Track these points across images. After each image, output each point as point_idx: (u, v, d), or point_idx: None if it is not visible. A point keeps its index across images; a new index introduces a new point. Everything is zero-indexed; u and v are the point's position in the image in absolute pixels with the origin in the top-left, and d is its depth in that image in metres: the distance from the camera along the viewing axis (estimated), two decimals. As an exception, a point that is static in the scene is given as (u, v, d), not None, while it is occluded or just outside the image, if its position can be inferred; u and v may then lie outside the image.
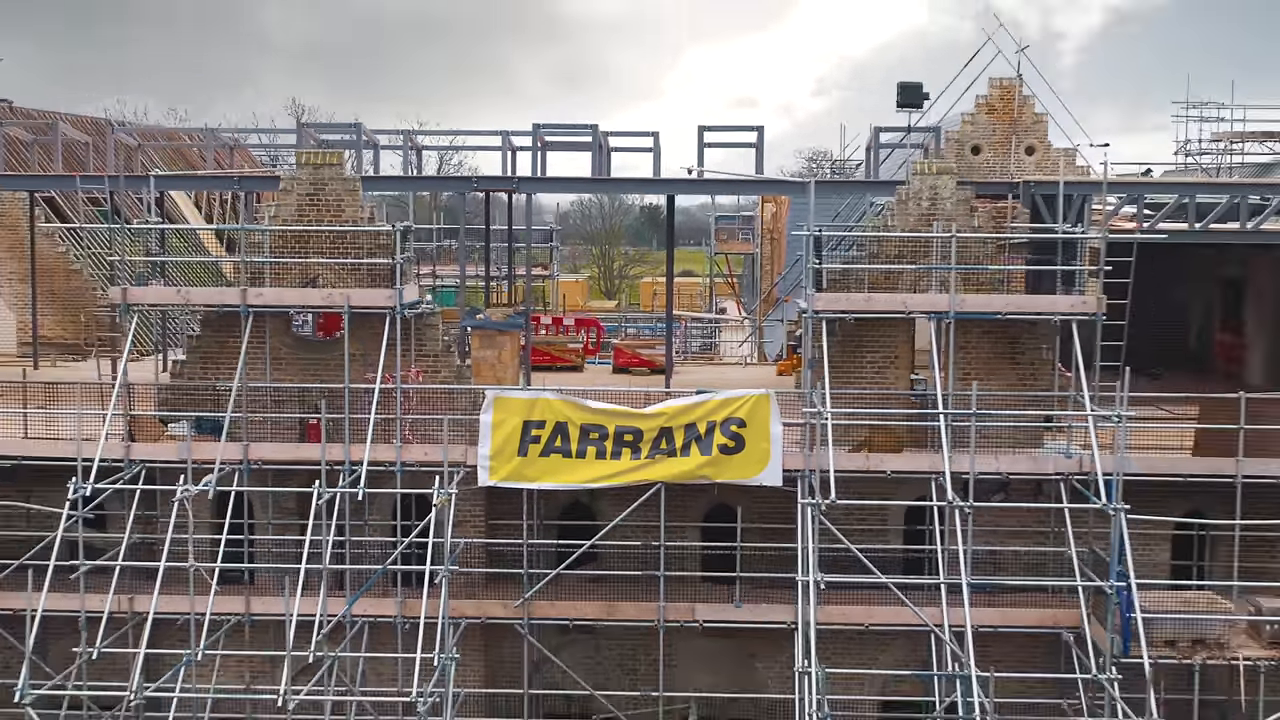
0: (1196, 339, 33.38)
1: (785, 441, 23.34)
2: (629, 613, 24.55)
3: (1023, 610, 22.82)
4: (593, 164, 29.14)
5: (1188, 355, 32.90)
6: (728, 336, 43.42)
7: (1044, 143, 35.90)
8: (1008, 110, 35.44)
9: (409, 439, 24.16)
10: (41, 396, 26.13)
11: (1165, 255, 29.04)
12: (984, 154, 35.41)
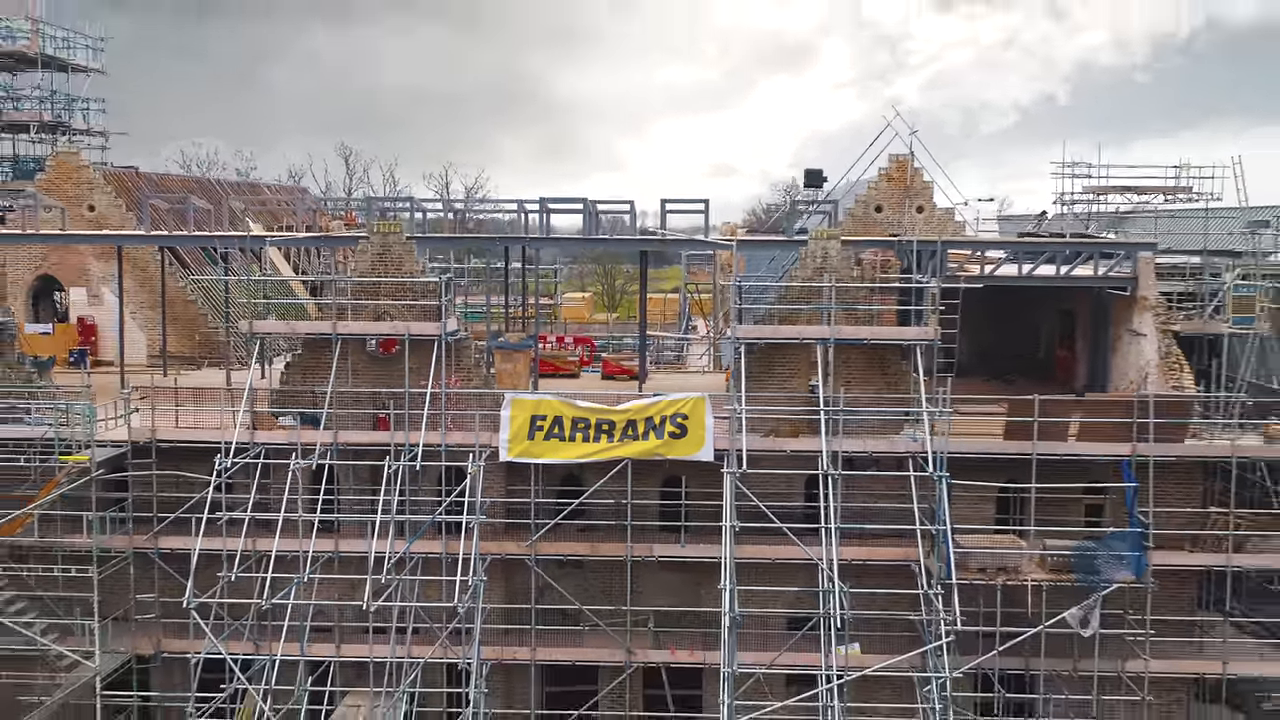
0: (1043, 354, 36.65)
1: (716, 430, 27.20)
2: (606, 550, 28.47)
3: (884, 549, 26.92)
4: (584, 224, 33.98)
5: (1036, 366, 36.25)
6: (695, 349, 47.28)
7: (930, 203, 40.46)
8: (902, 179, 39.94)
9: (450, 428, 27.98)
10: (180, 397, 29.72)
11: (1022, 291, 33.11)
12: (885, 212, 39.89)
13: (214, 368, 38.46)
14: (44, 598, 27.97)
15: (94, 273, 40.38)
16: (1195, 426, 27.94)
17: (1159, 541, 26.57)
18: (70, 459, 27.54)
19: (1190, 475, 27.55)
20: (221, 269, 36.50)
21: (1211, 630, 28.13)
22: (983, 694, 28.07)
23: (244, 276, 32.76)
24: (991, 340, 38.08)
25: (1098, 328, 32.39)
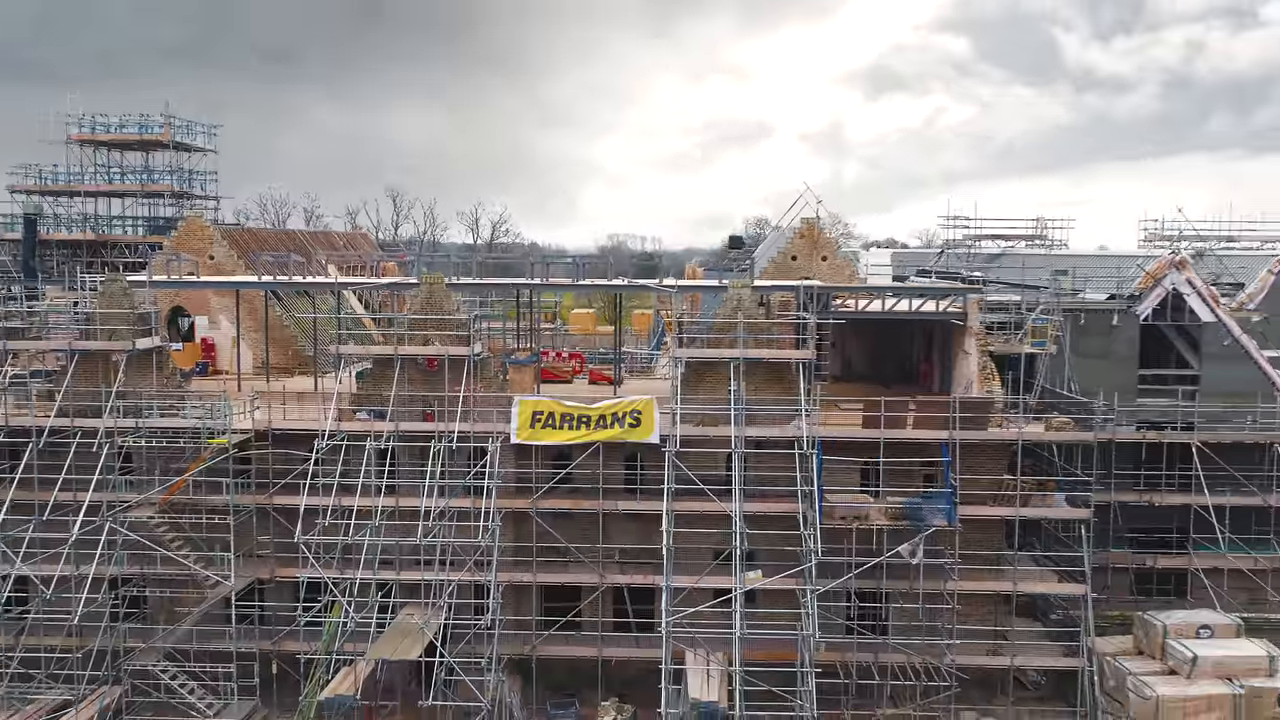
0: (914, 365, 40.59)
1: (661, 421, 31.48)
2: (586, 506, 32.31)
3: (776, 503, 30.69)
4: (576, 271, 39.06)
5: (910, 374, 40.47)
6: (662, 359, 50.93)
7: (833, 253, 45.25)
8: (811, 236, 44.69)
9: (476, 420, 32.07)
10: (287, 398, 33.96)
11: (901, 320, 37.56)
12: (799, 260, 44.42)
13: (304, 375, 42.31)
14: (194, 538, 32.02)
15: (213, 304, 44.00)
16: (1001, 418, 32.59)
17: (967, 499, 30.92)
18: (213, 442, 31.35)
19: (996, 452, 31.99)
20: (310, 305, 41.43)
21: (1013, 562, 32.09)
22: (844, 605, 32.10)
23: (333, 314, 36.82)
24: (879, 354, 42.63)
25: (945, 347, 36.72)
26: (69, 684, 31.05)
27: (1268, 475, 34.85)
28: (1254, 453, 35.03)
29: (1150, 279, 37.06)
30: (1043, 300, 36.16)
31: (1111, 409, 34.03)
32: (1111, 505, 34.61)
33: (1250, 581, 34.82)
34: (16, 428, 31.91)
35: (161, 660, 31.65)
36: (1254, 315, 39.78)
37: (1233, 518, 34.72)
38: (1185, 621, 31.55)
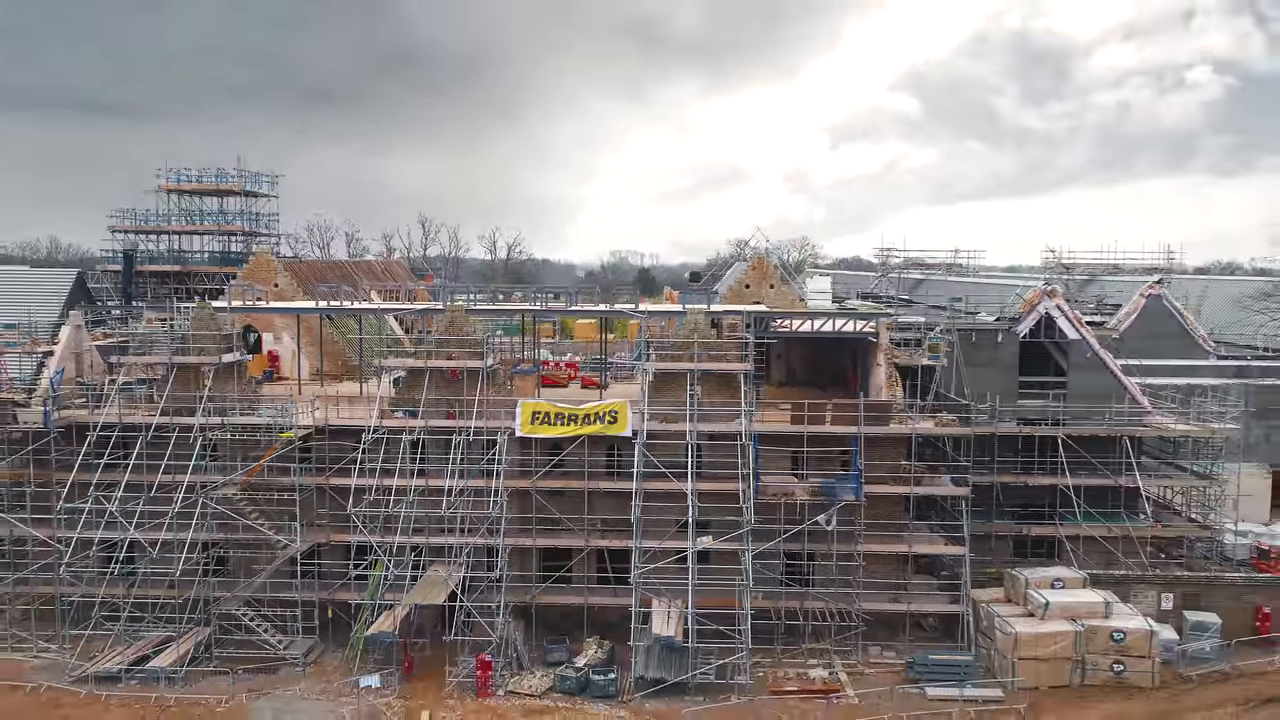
0: (844, 374, 43.49)
1: (634, 419, 34.70)
2: (575, 485, 35.24)
3: (723, 484, 33.79)
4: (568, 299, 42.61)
5: (841, 381, 43.43)
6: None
7: (779, 283, 48.96)
8: (762, 268, 48.45)
9: (488, 419, 35.27)
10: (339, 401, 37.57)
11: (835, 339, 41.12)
12: (751, 288, 47.95)
13: (351, 382, 44.68)
14: (267, 510, 35.28)
15: (277, 323, 47.16)
16: (900, 416, 36.57)
17: (872, 480, 34.63)
18: (282, 435, 34.73)
19: (896, 443, 35.62)
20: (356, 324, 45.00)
21: (909, 529, 35.84)
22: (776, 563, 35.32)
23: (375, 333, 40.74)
24: (817, 364, 46.14)
25: (864, 359, 40.39)
26: (170, 625, 34.65)
27: (1118, 461, 37.95)
28: (1108, 443, 38.16)
29: (1027, 305, 40.92)
30: (940, 322, 40.12)
31: (994, 409, 37.75)
32: (995, 485, 37.76)
33: (1103, 546, 38.09)
34: (128, 424, 35.42)
35: (242, 606, 34.78)
36: (1113, 333, 43.67)
37: (1090, 495, 37.95)
38: (1042, 576, 35.31)
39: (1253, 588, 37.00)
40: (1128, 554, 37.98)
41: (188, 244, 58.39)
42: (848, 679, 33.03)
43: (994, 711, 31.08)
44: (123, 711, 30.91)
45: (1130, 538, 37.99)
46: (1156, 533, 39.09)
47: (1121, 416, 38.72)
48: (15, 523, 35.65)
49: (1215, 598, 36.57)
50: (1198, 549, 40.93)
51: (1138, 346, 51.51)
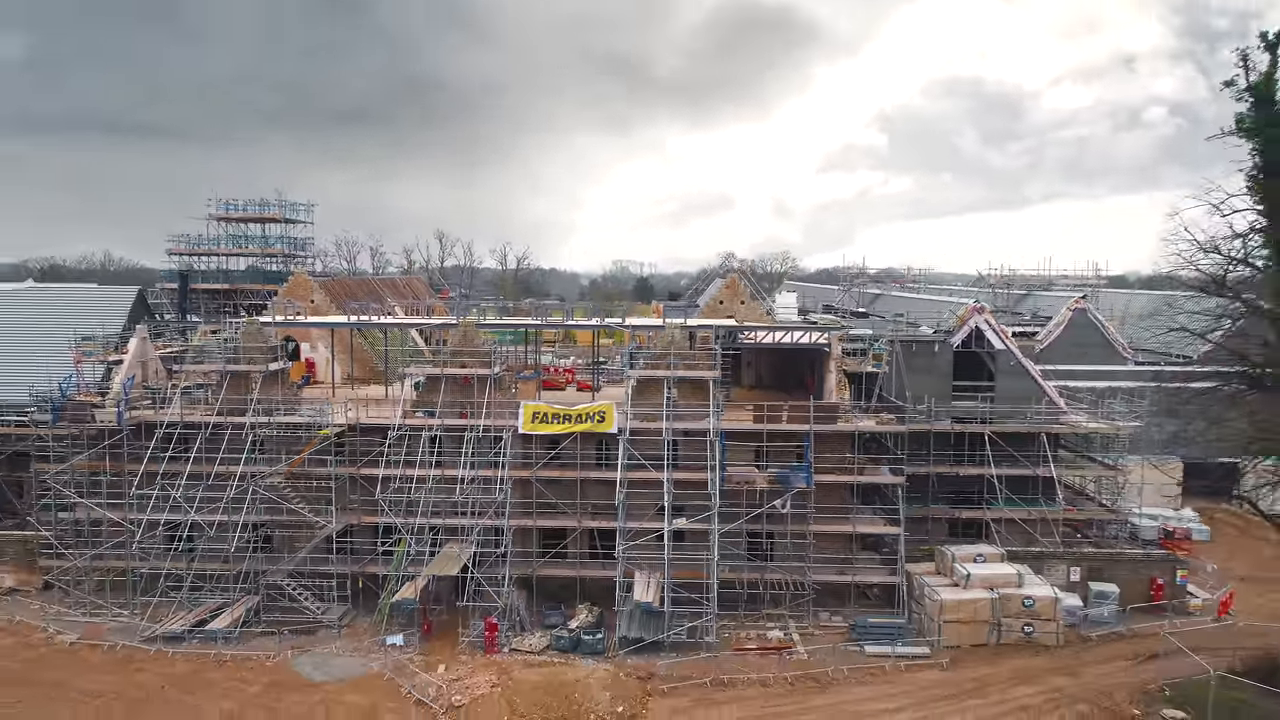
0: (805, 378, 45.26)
1: (620, 418, 37.41)
2: (569, 475, 37.63)
3: (695, 473, 36.23)
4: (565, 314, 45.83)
5: (801, 385, 45.48)
6: None
7: (749, 299, 51.95)
8: (734, 287, 51.30)
9: (495, 418, 37.61)
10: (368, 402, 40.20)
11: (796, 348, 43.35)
12: (725, 303, 50.68)
13: (378, 386, 47.78)
14: (307, 496, 37.86)
15: (313, 334, 49.80)
16: (847, 415, 39.77)
17: (821, 470, 37.17)
18: (321, 432, 37.19)
19: (842, 439, 38.10)
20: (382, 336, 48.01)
21: (854, 512, 38.39)
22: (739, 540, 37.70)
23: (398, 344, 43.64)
24: (781, 370, 48.65)
25: (820, 367, 43.60)
26: (225, 593, 37.50)
27: (1037, 454, 40.89)
28: (1029, 439, 41.03)
29: (960, 320, 43.99)
30: (884, 334, 43.09)
31: (930, 409, 40.80)
32: (931, 475, 40.54)
33: (1023, 527, 40.86)
34: (189, 423, 38.22)
35: (285, 578, 37.45)
36: (1037, 344, 46.69)
37: (1013, 483, 40.71)
38: (967, 552, 38.36)
39: (1149, 562, 39.94)
40: (1044, 534, 40.86)
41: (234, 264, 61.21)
42: (800, 639, 35.92)
43: (920, 665, 34.11)
44: (186, 665, 33.94)
45: (1046, 520, 40.84)
46: (1070, 516, 42.02)
47: (1040, 416, 41.58)
48: (93, 506, 38.52)
49: (1116, 571, 39.53)
50: (1110, 530, 43.98)
51: (1066, 353, 54.75)
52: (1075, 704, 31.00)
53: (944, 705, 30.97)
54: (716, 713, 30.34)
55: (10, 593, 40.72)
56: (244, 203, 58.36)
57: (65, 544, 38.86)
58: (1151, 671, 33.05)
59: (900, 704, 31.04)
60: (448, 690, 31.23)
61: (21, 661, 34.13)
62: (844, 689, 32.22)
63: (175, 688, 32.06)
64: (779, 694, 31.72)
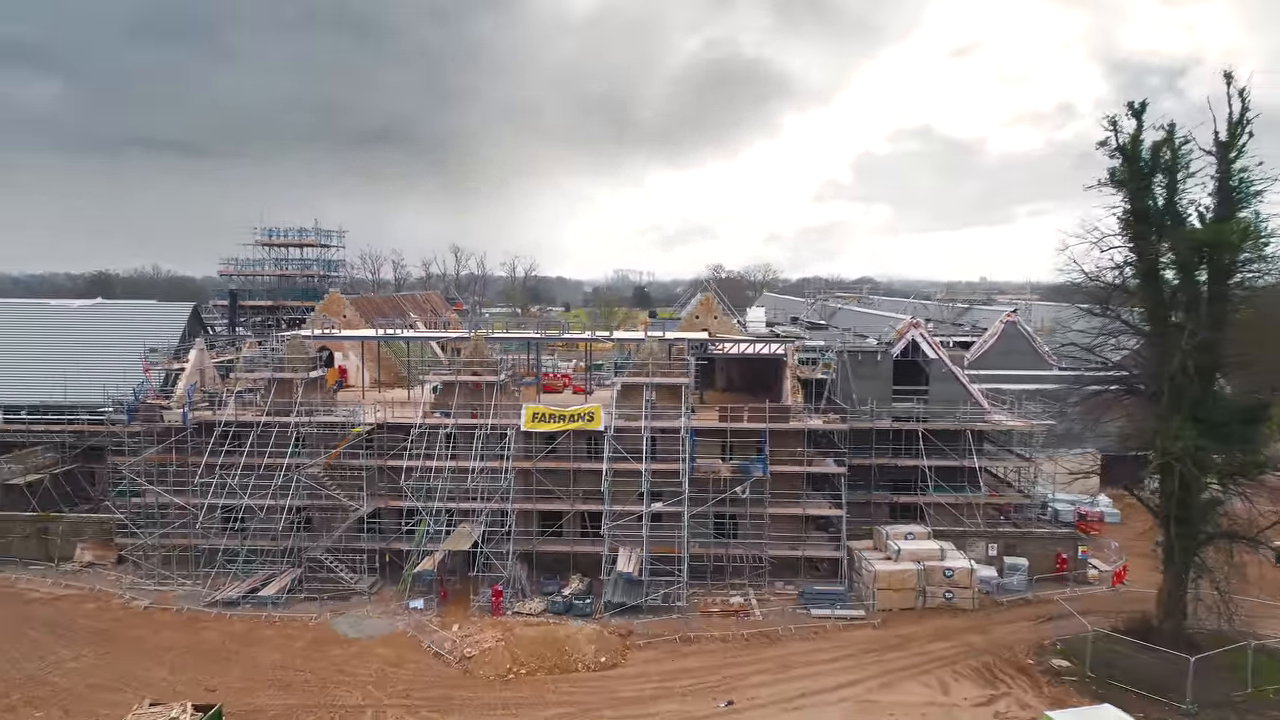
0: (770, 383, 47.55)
1: (606, 418, 40.41)
2: (564, 466, 40.46)
3: (669, 464, 39.08)
4: (561, 329, 49.22)
5: (767, 389, 47.56)
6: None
7: (722, 315, 55.51)
8: (709, 304, 54.86)
9: (501, 417, 40.66)
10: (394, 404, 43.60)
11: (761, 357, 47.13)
12: (700, 318, 54.45)
13: (401, 389, 50.95)
14: (342, 484, 40.65)
15: (346, 345, 52.73)
16: (800, 415, 43.25)
17: (776, 461, 40.32)
18: (354, 430, 40.28)
19: (795, 436, 41.15)
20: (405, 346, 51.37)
21: (804, 496, 41.66)
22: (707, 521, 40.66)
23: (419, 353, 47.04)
24: (750, 376, 51.67)
25: (781, 373, 47.52)
26: (273, 566, 40.88)
27: (963, 448, 44.34)
28: (956, 436, 44.47)
29: (900, 334, 47.51)
30: (834, 345, 46.59)
31: (873, 410, 44.36)
32: (873, 466, 43.93)
33: (951, 511, 44.25)
34: (242, 422, 41.50)
35: (324, 552, 40.60)
36: (965, 354, 50.12)
37: (943, 473, 44.09)
38: (899, 530, 41.88)
39: (1054, 540, 43.46)
40: (969, 516, 44.24)
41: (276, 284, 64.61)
42: (756, 603, 39.32)
43: (857, 625, 37.64)
44: (243, 624, 37.52)
45: (970, 504, 44.33)
46: (991, 500, 45.49)
47: (966, 415, 45.12)
48: (162, 493, 42.00)
49: (1028, 546, 43.03)
50: (1030, 512, 47.41)
51: (999, 360, 58.24)
52: (981, 655, 34.51)
53: (871, 656, 34.50)
54: (683, 662, 33.88)
55: (89, 566, 44.29)
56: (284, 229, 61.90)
57: (137, 524, 42.20)
58: (1048, 630, 36.52)
59: (835, 655, 34.56)
60: (460, 644, 34.79)
61: (106, 621, 37.73)
62: (790, 644, 35.73)
63: (234, 643, 35.60)
64: (736, 648, 35.27)
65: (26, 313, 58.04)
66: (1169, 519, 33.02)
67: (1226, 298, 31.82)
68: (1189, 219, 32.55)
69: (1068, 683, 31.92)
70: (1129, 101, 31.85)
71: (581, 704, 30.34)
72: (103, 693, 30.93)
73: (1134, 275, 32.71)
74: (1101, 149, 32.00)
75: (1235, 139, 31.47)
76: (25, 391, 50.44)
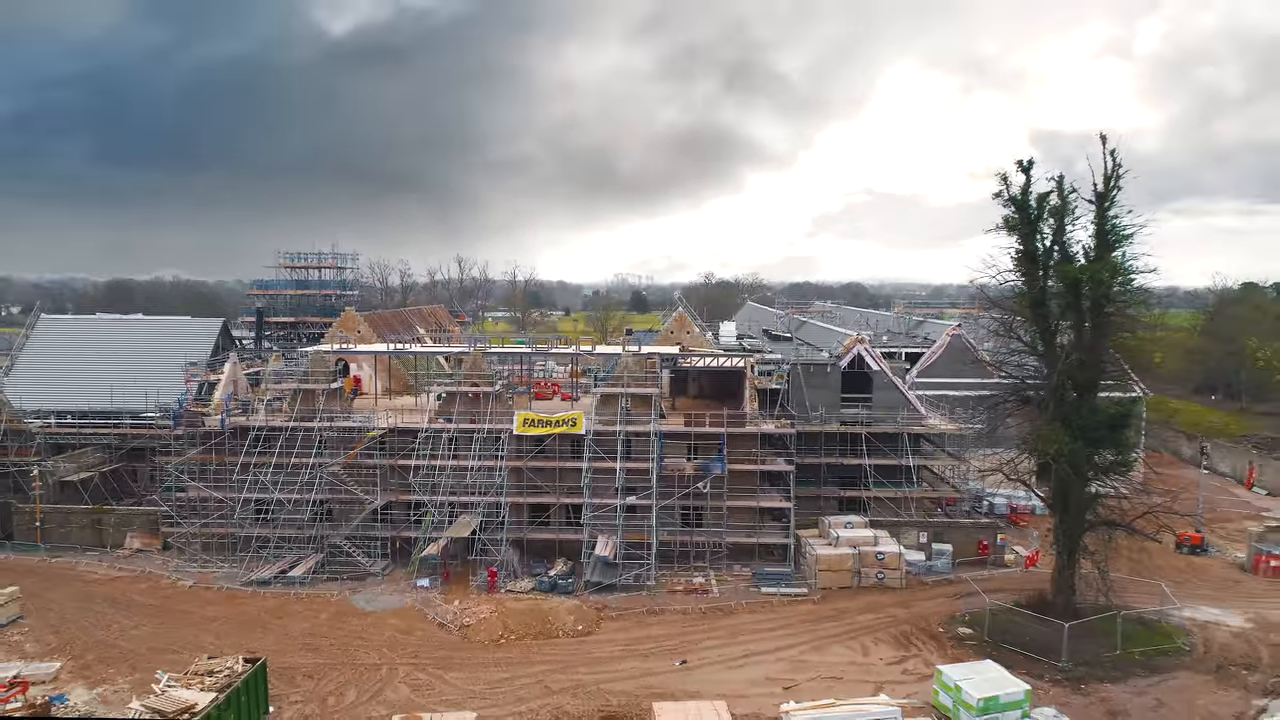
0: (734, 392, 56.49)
1: (588, 423, 45.47)
2: (551, 464, 45.29)
3: (640, 463, 44.08)
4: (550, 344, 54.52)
5: (732, 396, 55.57)
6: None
7: (693, 331, 61.09)
8: (683, 321, 60.45)
9: (497, 421, 45.64)
10: (402, 410, 49.82)
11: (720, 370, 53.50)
12: (675, 334, 60.02)
13: (409, 396, 56.74)
14: (359, 479, 46.23)
15: (361, 358, 58.31)
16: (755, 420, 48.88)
17: (734, 460, 45.51)
18: (369, 434, 45.28)
19: (750, 438, 46.43)
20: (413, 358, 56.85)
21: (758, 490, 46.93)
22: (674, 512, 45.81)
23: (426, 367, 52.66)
24: (717, 385, 57.11)
25: (743, 383, 53.33)
26: (299, 551, 46.47)
27: (901, 449, 49.94)
28: (895, 438, 49.94)
29: (847, 348, 53.28)
30: (787, 360, 52.30)
31: (823, 415, 50.10)
32: (822, 464, 49.41)
33: (890, 504, 49.96)
34: (272, 426, 46.81)
35: (343, 539, 45.86)
36: (906, 366, 55.77)
37: (884, 471, 49.60)
38: (839, 520, 47.55)
39: (977, 528, 49.18)
40: (904, 508, 50.07)
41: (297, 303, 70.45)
42: (715, 583, 44.92)
43: (800, 600, 43.41)
44: (275, 600, 43.37)
45: (906, 498, 50.11)
46: (925, 495, 51.23)
47: (904, 420, 50.81)
48: (202, 488, 47.84)
49: (954, 534, 48.73)
50: (966, 505, 53.03)
51: (945, 369, 63.77)
52: (901, 625, 40.28)
53: (808, 625, 40.29)
54: (647, 630, 39.72)
55: (138, 552, 50.23)
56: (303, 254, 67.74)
57: (181, 515, 48.01)
58: (960, 605, 42.29)
59: (777, 625, 40.37)
60: (460, 615, 40.67)
61: (158, 598, 43.67)
62: (741, 616, 41.53)
63: (268, 615, 41.48)
64: (694, 619, 41.10)
65: (77, 327, 64.05)
66: (1056, 510, 38.78)
67: (1103, 323, 37.55)
68: (1076, 257, 38.28)
69: (968, 646, 37.69)
70: (1018, 160, 37.58)
71: (561, 662, 36.19)
72: (162, 654, 36.77)
73: (1026, 304, 38.39)
74: (996, 199, 37.68)
75: (1109, 191, 37.17)
76: (76, 398, 56.39)
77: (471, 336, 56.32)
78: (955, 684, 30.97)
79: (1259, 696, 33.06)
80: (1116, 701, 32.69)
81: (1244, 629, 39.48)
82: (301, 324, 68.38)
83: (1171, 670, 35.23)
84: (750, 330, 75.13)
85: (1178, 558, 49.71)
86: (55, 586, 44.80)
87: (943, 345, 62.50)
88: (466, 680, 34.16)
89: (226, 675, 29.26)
